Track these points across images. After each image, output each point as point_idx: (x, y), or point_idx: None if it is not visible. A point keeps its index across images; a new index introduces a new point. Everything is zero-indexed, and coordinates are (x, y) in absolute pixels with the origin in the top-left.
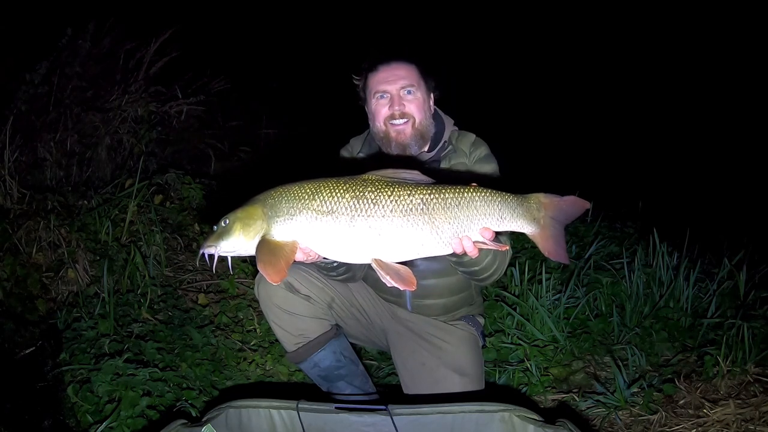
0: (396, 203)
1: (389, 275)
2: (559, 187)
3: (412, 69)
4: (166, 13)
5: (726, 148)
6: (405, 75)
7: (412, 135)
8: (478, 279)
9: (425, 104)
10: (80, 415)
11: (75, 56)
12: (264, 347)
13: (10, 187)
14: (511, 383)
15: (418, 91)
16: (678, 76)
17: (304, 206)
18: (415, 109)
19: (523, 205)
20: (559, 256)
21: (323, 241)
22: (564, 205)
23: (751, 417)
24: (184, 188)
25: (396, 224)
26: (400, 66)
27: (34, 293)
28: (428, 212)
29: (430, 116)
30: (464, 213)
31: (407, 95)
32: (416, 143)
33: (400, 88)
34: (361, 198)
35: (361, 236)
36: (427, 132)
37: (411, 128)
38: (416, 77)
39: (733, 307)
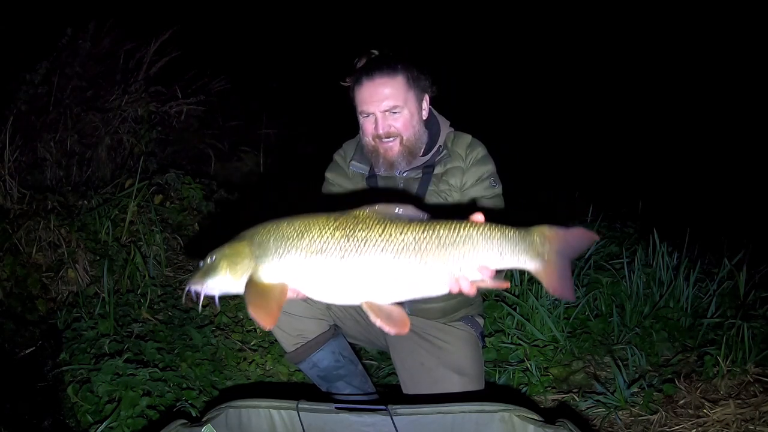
0: (387, 242)
1: (380, 318)
2: (559, 187)
3: (399, 81)
4: (166, 13)
5: (726, 148)
6: (390, 93)
7: (400, 152)
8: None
9: (414, 118)
10: (80, 415)
11: (75, 56)
12: (264, 347)
13: (10, 187)
14: (511, 383)
15: (405, 108)
16: (678, 76)
17: (293, 245)
18: (402, 127)
19: (525, 240)
20: (566, 293)
21: (312, 283)
22: (570, 237)
23: (751, 417)
24: (184, 188)
25: (387, 265)
26: (384, 81)
27: (34, 293)
28: (421, 251)
29: (422, 126)
30: (460, 251)
31: (393, 115)
32: (404, 159)
33: (384, 110)
34: (351, 237)
35: (351, 278)
36: (417, 146)
37: (399, 145)
38: (403, 90)
39: (733, 307)
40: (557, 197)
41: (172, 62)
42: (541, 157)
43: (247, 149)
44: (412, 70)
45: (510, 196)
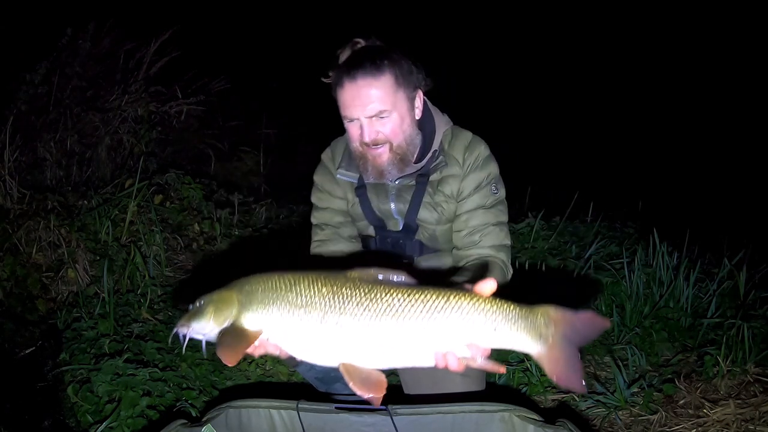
0: (370, 304)
1: (353, 381)
2: (559, 187)
3: (385, 82)
4: (166, 13)
5: (726, 148)
6: (375, 97)
7: (390, 159)
8: None
9: (405, 121)
10: (80, 415)
11: (75, 56)
12: None
13: (10, 187)
14: (511, 383)
15: (394, 111)
16: (678, 76)
17: (278, 297)
18: (391, 134)
19: (526, 318)
20: (573, 382)
21: (291, 338)
22: (579, 322)
23: (751, 417)
24: (184, 188)
25: (366, 328)
26: (368, 82)
27: (34, 293)
28: (404, 317)
29: (414, 128)
30: (448, 322)
31: (380, 120)
32: (395, 167)
33: (369, 115)
34: (336, 296)
35: (329, 337)
36: (409, 152)
37: (388, 152)
38: (391, 92)
39: (733, 307)
40: (557, 197)
41: (172, 62)
42: (541, 157)
43: (247, 149)
44: (402, 65)
45: (510, 196)
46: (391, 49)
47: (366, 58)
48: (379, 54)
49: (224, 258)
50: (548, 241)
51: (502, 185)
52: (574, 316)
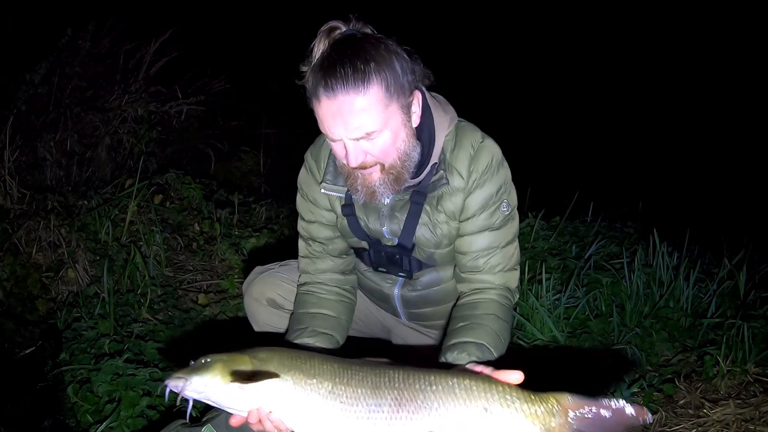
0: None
1: None
2: (559, 187)
3: (373, 96)
4: (166, 13)
5: (726, 148)
6: (361, 116)
7: (382, 179)
8: None
9: (398, 137)
10: (80, 415)
11: (75, 56)
12: None
13: (10, 187)
14: None
15: (385, 128)
16: (678, 76)
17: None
18: (381, 154)
19: (532, 405)
20: None
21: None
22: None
23: (751, 417)
24: (184, 188)
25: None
26: (351, 99)
27: (34, 293)
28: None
29: (411, 140)
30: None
31: (368, 141)
32: (389, 188)
33: (355, 137)
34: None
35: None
36: (405, 169)
37: (380, 172)
38: (380, 108)
39: (733, 307)
40: (557, 197)
41: (172, 62)
42: (541, 157)
43: (247, 149)
44: (393, 67)
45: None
46: (379, 41)
47: (347, 64)
48: (363, 57)
49: (224, 258)
50: (548, 241)
51: (514, 193)
52: (596, 406)
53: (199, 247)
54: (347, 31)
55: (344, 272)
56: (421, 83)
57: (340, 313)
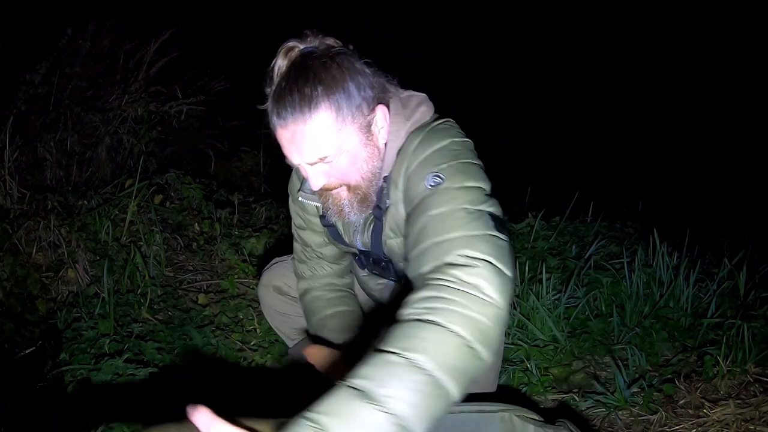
0: None
1: None
2: (559, 186)
3: (320, 122)
4: (166, 13)
5: (726, 148)
6: (311, 143)
7: (349, 200)
8: None
9: (359, 157)
10: None
11: (75, 56)
12: (264, 347)
13: (10, 187)
14: (511, 383)
15: (341, 152)
16: (678, 76)
17: None
18: (342, 176)
19: None
20: None
21: None
22: None
23: (751, 417)
24: (184, 188)
25: None
26: (299, 128)
27: (34, 293)
28: None
29: (376, 159)
30: None
31: (324, 165)
32: (356, 209)
33: (310, 162)
34: None
35: None
36: (372, 190)
37: (347, 191)
38: (331, 132)
39: (733, 307)
40: (557, 197)
41: (172, 62)
42: (541, 157)
43: (247, 149)
44: (346, 88)
45: (510, 196)
46: (333, 59)
47: (294, 91)
48: (312, 82)
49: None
50: (548, 241)
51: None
52: None
53: (199, 247)
54: (305, 49)
55: (341, 275)
56: (388, 94)
57: (353, 304)
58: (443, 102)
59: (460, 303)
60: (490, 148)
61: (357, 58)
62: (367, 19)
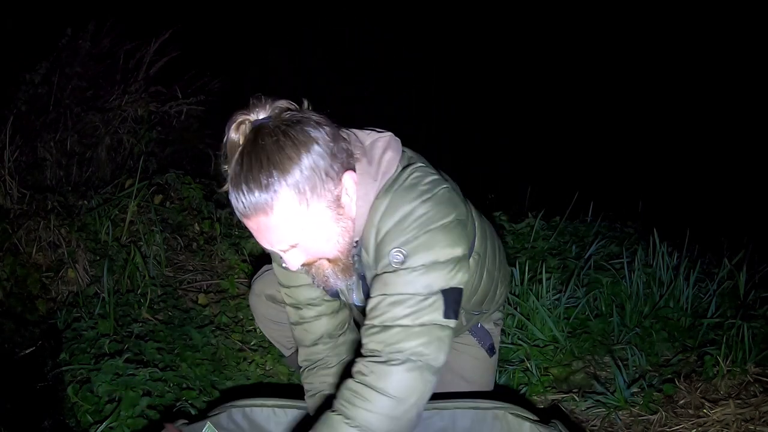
0: None
1: None
2: (559, 186)
3: (282, 210)
4: (166, 13)
5: (726, 148)
6: (276, 234)
7: (332, 269)
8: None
9: (331, 232)
10: (80, 415)
11: (75, 56)
12: (264, 347)
13: (10, 187)
14: (511, 383)
15: (310, 236)
16: (678, 76)
17: None
18: (317, 253)
19: None
20: None
21: None
22: None
23: (751, 417)
24: (184, 188)
25: None
26: (261, 220)
27: (34, 293)
28: None
29: (350, 228)
30: None
31: (297, 249)
32: (342, 278)
33: (281, 249)
34: None
35: None
36: (351, 258)
37: (327, 263)
38: (295, 218)
39: (733, 307)
40: (557, 197)
41: (172, 62)
42: (541, 157)
43: None
44: (305, 167)
45: (510, 196)
46: (286, 134)
47: (250, 181)
48: (267, 169)
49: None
50: (548, 241)
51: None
52: None
53: (199, 247)
54: (255, 122)
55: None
56: (353, 156)
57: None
58: (443, 102)
59: (369, 401)
60: (490, 148)
61: (314, 123)
62: (367, 19)
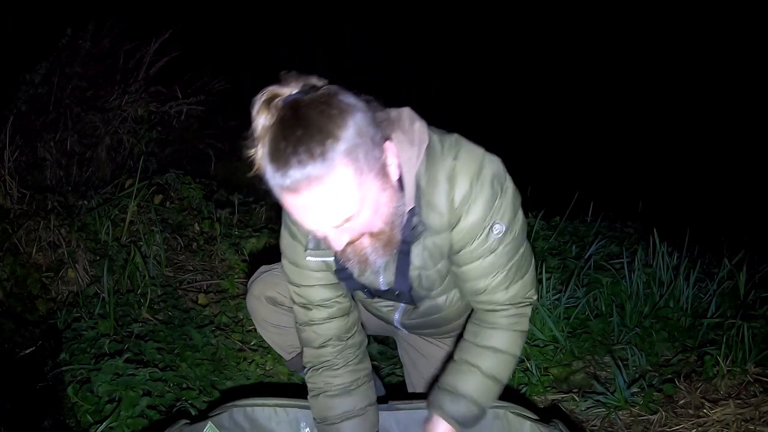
0: None
1: None
2: (559, 186)
3: (342, 181)
4: (166, 13)
5: (726, 148)
6: (334, 207)
7: (372, 246)
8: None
9: (380, 203)
10: (80, 415)
11: (75, 56)
12: (264, 347)
13: (10, 187)
14: (511, 383)
15: (363, 205)
16: (678, 76)
17: None
18: (365, 228)
19: None
20: None
21: None
22: None
23: (751, 417)
24: (184, 188)
25: None
26: (315, 193)
27: (34, 293)
28: None
29: (396, 197)
30: None
31: (345, 227)
32: (381, 253)
33: (333, 226)
34: None
35: None
36: (395, 230)
37: (369, 239)
38: (353, 189)
39: (733, 307)
40: (557, 197)
41: (172, 62)
42: (541, 157)
43: None
44: (355, 134)
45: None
46: (328, 104)
47: (301, 152)
48: (318, 137)
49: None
50: (548, 241)
51: (507, 203)
52: None
53: (199, 247)
54: (289, 97)
55: (349, 330)
56: (390, 125)
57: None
58: (443, 102)
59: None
60: (490, 149)
61: (350, 93)
62: (367, 19)
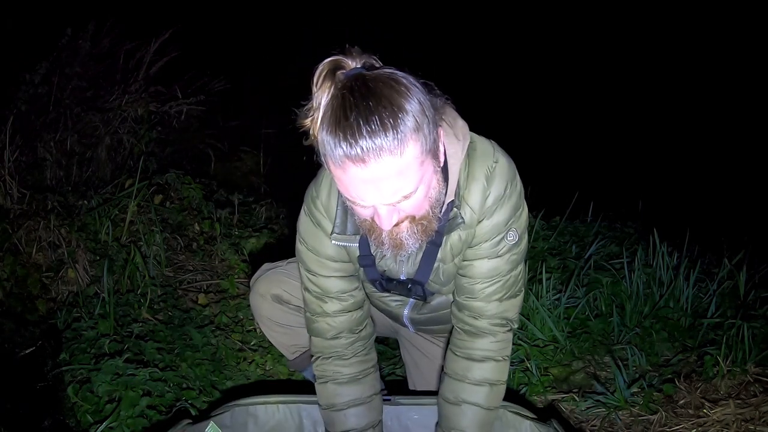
0: None
1: None
2: (559, 186)
3: (410, 157)
4: (166, 13)
5: (726, 148)
6: (399, 182)
7: (410, 230)
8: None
9: (431, 186)
10: (80, 415)
11: (75, 56)
12: (264, 347)
13: (10, 187)
14: (511, 383)
15: (421, 184)
16: (678, 76)
17: None
18: (413, 210)
19: None
20: None
21: None
22: None
23: (751, 417)
24: (184, 188)
25: None
26: (387, 168)
27: (34, 293)
28: None
29: (441, 184)
30: None
31: (402, 204)
32: (418, 238)
33: (390, 203)
34: None
35: None
36: (434, 217)
37: (408, 223)
38: (417, 167)
39: (733, 307)
40: (557, 197)
41: (172, 62)
42: (541, 157)
43: (247, 149)
44: (419, 112)
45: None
46: (395, 80)
47: (373, 122)
48: (390, 109)
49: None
50: (548, 241)
51: (524, 215)
52: None
53: (199, 247)
54: (354, 69)
55: (361, 323)
56: (439, 111)
57: (367, 376)
58: None
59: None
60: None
61: (411, 75)
62: (367, 19)
